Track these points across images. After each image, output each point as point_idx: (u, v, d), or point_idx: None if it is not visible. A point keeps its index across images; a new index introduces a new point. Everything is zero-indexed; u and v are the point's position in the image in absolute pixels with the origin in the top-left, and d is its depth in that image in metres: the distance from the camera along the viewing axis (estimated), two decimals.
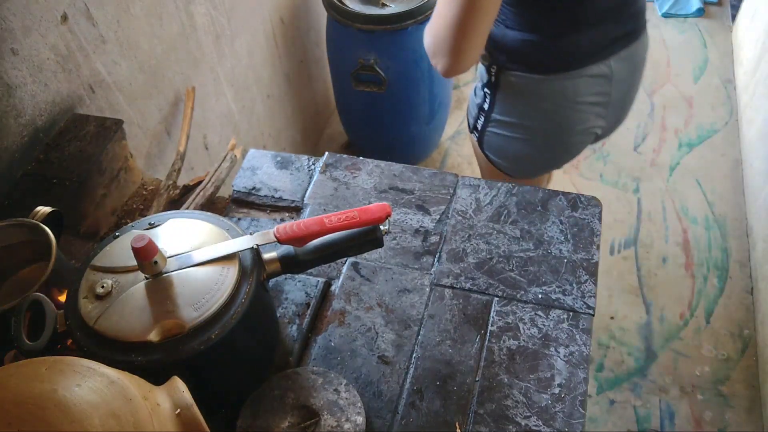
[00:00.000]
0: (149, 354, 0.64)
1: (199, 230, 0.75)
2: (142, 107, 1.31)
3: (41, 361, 0.56)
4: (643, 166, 2.38)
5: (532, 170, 1.30)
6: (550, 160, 1.28)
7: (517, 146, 1.22)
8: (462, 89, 2.74)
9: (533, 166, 1.29)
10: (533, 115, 1.17)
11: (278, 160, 1.11)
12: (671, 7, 2.97)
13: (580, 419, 0.77)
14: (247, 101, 1.82)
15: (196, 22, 1.48)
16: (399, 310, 0.89)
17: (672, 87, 2.66)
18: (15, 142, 1.00)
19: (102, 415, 0.51)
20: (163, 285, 0.69)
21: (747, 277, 2.03)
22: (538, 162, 1.27)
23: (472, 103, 1.26)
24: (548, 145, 1.22)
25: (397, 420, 0.79)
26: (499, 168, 1.27)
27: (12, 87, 0.98)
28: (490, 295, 0.90)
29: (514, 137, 1.20)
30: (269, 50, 1.92)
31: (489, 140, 1.24)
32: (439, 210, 1.01)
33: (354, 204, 1.03)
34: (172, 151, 1.42)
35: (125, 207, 1.11)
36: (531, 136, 1.19)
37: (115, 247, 0.74)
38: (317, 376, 0.79)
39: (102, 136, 1.06)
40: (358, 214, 0.75)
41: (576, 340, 0.85)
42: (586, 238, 0.96)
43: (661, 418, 1.75)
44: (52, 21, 1.04)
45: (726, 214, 2.21)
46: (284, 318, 0.89)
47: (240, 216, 1.04)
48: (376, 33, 1.90)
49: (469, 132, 1.29)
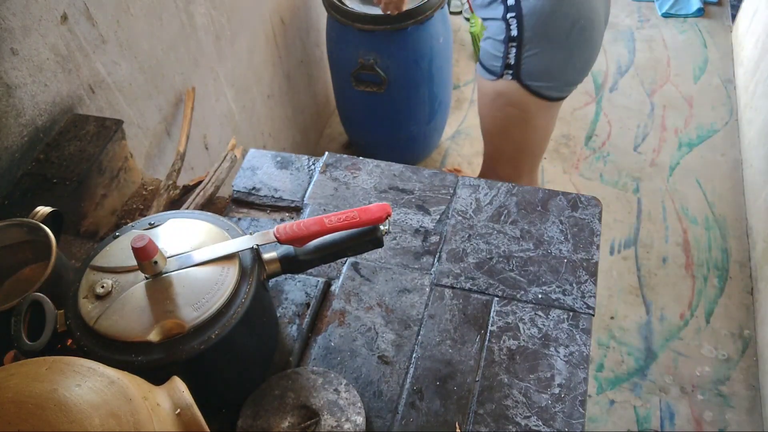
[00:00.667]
0: (149, 354, 0.64)
1: (199, 230, 0.75)
2: (142, 107, 1.31)
3: (41, 361, 0.56)
4: (643, 166, 2.38)
5: (574, 77, 1.37)
6: (588, 59, 1.36)
7: (559, 55, 1.29)
8: (462, 89, 2.74)
9: (575, 72, 1.36)
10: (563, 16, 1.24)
11: (278, 160, 1.11)
12: (671, 7, 2.97)
13: (580, 419, 0.77)
14: (247, 101, 1.82)
15: (196, 22, 1.48)
16: (399, 310, 0.89)
17: (672, 87, 2.66)
18: (15, 142, 1.00)
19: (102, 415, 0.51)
20: (163, 285, 0.69)
21: (747, 277, 2.03)
22: (578, 65, 1.35)
23: (494, 47, 1.32)
24: (583, 40, 1.30)
25: (397, 420, 0.79)
26: (542, 93, 1.34)
27: (12, 87, 0.98)
28: (490, 295, 0.90)
29: (554, 46, 1.27)
30: (269, 50, 1.92)
31: (529, 66, 1.30)
32: (439, 210, 1.01)
33: (354, 204, 1.03)
34: (172, 151, 1.42)
35: (125, 207, 1.11)
36: (567, 38, 1.27)
37: (115, 247, 0.74)
38: (317, 376, 0.79)
39: (102, 136, 1.06)
40: (358, 214, 0.75)
41: (576, 340, 0.85)
42: (586, 238, 0.96)
43: (661, 418, 1.75)
44: (52, 21, 1.04)
45: (726, 214, 2.21)
46: (284, 318, 0.89)
47: (240, 216, 1.04)
48: (376, 33, 1.90)
49: (497, 78, 1.36)
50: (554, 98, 1.37)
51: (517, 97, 1.37)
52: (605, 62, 2.80)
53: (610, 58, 2.82)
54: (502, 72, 1.33)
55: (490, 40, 1.34)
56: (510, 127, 1.43)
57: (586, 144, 2.48)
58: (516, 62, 1.30)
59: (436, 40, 2.00)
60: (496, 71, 1.35)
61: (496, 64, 1.34)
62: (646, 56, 2.80)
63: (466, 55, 2.89)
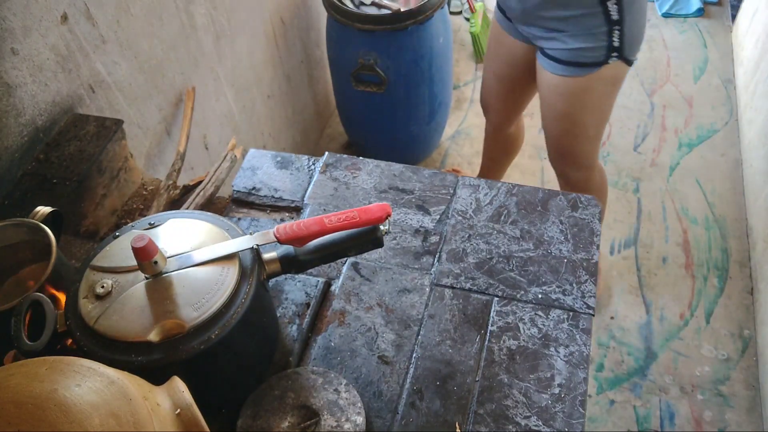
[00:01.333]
0: (149, 354, 0.64)
1: (199, 230, 0.75)
2: (142, 107, 1.31)
3: (41, 361, 0.56)
4: (643, 166, 2.38)
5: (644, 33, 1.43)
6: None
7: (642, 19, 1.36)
8: (462, 89, 2.74)
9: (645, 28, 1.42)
10: None
11: (278, 160, 1.11)
12: (671, 7, 2.97)
13: (580, 419, 0.77)
14: (248, 101, 1.82)
15: (196, 22, 1.48)
16: (399, 310, 0.89)
17: (672, 87, 2.66)
18: (15, 141, 1.00)
19: (102, 415, 0.51)
20: (163, 285, 0.69)
21: (747, 277, 2.03)
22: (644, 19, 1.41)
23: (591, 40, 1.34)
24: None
25: (397, 420, 0.79)
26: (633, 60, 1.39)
27: (12, 87, 0.98)
28: (490, 295, 0.90)
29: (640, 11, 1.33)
30: (269, 50, 1.92)
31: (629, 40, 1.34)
32: (439, 210, 1.01)
33: (354, 204, 1.03)
34: (172, 151, 1.42)
35: (125, 207, 1.11)
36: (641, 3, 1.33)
37: (115, 247, 0.74)
38: (317, 376, 0.79)
39: (102, 136, 1.06)
40: (358, 214, 0.75)
41: (576, 340, 0.85)
42: (586, 238, 0.96)
43: (661, 418, 1.75)
44: (52, 21, 1.04)
45: (726, 214, 2.21)
46: (284, 318, 0.89)
47: (240, 216, 1.04)
48: (376, 33, 1.90)
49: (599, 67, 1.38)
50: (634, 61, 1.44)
51: (621, 74, 1.41)
52: None
53: None
54: (606, 59, 1.36)
55: (580, 37, 1.34)
56: (602, 105, 1.47)
57: None
58: (620, 43, 1.33)
59: (436, 40, 2.00)
60: (600, 60, 1.36)
61: (597, 54, 1.35)
62: (646, 56, 2.80)
63: (466, 55, 2.89)
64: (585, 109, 1.49)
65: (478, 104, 1.91)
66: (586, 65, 1.38)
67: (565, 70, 1.41)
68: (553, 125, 1.57)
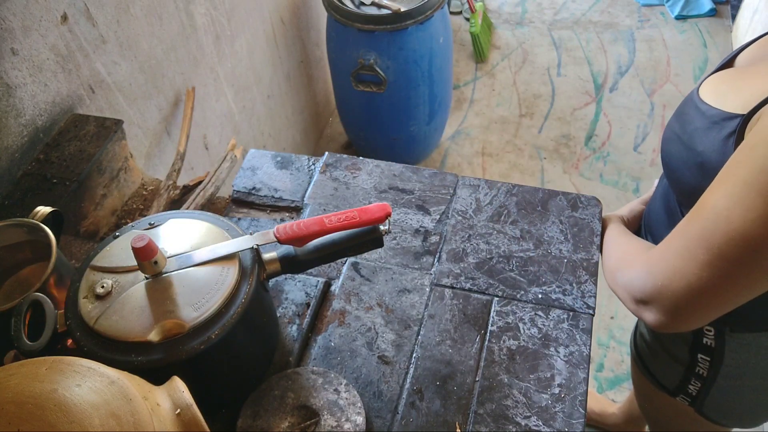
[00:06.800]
0: (149, 354, 0.64)
1: (199, 230, 0.75)
2: (142, 107, 1.31)
3: (41, 361, 0.56)
4: (643, 166, 2.38)
5: (765, 417, 1.07)
6: None
7: (753, 397, 0.99)
8: (462, 89, 2.74)
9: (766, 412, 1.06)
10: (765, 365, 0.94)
11: (278, 160, 1.11)
12: (683, 8, 2.97)
13: (580, 419, 0.77)
14: (248, 101, 1.82)
15: (196, 22, 1.48)
16: (399, 310, 0.89)
17: (672, 87, 2.66)
18: (15, 142, 1.00)
19: (102, 415, 0.51)
20: (163, 285, 0.69)
21: None
22: None
23: (670, 369, 1.02)
24: None
25: (397, 420, 0.79)
26: (721, 423, 1.05)
27: (12, 87, 0.98)
28: (490, 295, 0.90)
29: (748, 389, 0.97)
30: (269, 50, 1.92)
31: (711, 403, 1.00)
32: (439, 210, 1.01)
33: (354, 204, 1.03)
34: (172, 151, 1.42)
35: (125, 207, 1.11)
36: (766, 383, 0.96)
37: (115, 247, 0.74)
38: (317, 376, 0.79)
39: (102, 136, 1.06)
40: (358, 214, 0.75)
41: (576, 340, 0.85)
42: (586, 238, 0.96)
43: None
44: (52, 21, 1.04)
45: None
46: (284, 318, 0.89)
47: (240, 216, 1.04)
48: (376, 33, 1.90)
49: (670, 395, 1.05)
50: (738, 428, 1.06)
51: (692, 415, 1.06)
52: (605, 62, 2.80)
53: (611, 58, 2.82)
54: (674, 393, 1.04)
55: (663, 356, 1.02)
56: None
57: (586, 144, 2.48)
58: (699, 395, 1.00)
59: (436, 40, 2.00)
60: (670, 387, 1.04)
61: (670, 381, 1.04)
62: (646, 56, 2.80)
63: (466, 55, 2.89)
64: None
65: (478, 104, 1.91)
66: (658, 382, 1.07)
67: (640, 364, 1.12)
68: None
